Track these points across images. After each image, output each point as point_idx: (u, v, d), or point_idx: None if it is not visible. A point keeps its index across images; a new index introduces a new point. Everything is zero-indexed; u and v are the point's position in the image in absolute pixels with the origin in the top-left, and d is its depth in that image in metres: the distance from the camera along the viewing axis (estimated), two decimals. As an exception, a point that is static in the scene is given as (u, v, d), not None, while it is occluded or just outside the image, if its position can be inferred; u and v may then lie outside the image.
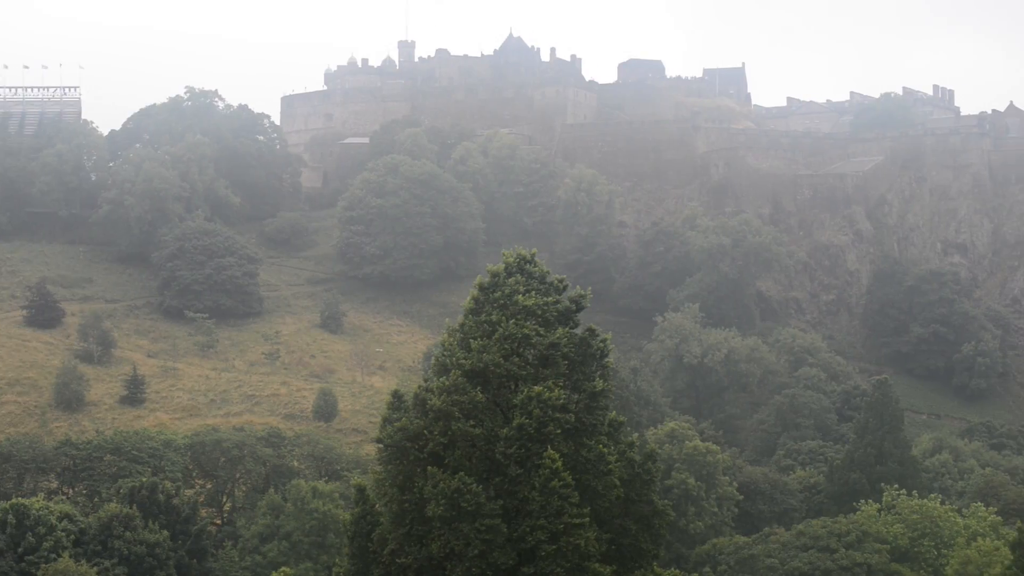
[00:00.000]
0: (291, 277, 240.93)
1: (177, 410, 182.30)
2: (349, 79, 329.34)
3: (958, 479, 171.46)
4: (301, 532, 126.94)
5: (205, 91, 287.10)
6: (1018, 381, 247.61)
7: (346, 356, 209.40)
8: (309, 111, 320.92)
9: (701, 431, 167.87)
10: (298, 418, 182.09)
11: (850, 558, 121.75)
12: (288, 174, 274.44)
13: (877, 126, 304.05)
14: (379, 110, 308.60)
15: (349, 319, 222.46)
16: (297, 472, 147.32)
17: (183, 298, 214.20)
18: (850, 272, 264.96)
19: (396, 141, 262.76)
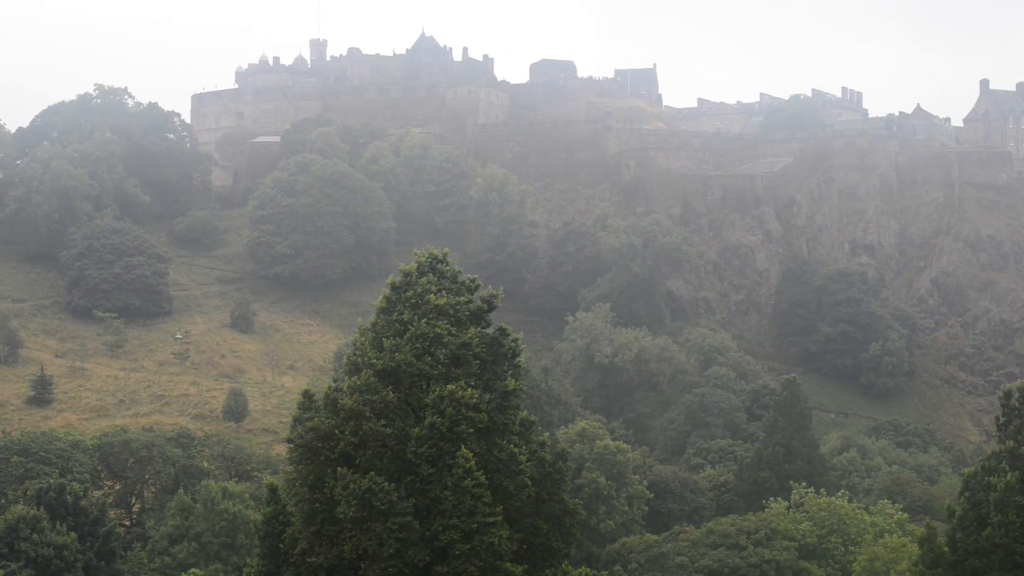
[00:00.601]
0: (201, 276, 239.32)
1: (85, 411, 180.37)
2: (260, 78, 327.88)
3: (865, 477, 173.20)
4: (211, 533, 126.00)
5: (115, 88, 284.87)
6: (924, 380, 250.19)
7: (256, 356, 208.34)
8: (220, 109, 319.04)
9: (612, 430, 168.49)
10: (208, 418, 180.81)
11: (759, 555, 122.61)
12: (198, 173, 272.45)
13: (786, 127, 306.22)
14: (290, 109, 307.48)
15: (259, 319, 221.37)
16: (207, 473, 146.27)
17: (91, 297, 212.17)
18: (759, 272, 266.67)
19: (307, 140, 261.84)
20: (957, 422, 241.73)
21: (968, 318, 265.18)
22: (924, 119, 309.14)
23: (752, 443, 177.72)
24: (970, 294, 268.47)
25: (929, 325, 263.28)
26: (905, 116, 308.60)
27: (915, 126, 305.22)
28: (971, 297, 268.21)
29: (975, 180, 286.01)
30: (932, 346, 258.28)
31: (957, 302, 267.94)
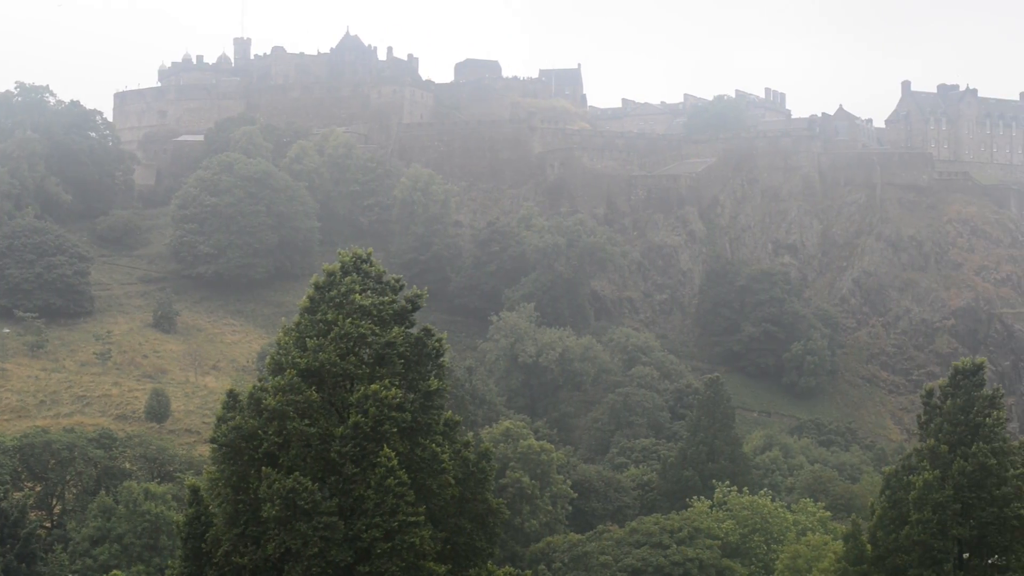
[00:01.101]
0: (123, 276, 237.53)
1: (5, 411, 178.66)
2: (184, 76, 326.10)
3: (788, 475, 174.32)
4: (133, 534, 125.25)
5: (36, 86, 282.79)
6: (846, 379, 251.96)
7: (179, 356, 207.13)
8: (143, 108, 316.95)
9: (536, 430, 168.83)
10: (130, 419, 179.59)
11: (682, 554, 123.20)
12: (121, 171, 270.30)
13: (710, 128, 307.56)
14: (214, 107, 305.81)
15: (182, 318, 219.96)
16: (129, 474, 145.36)
17: (12, 297, 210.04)
18: (683, 272, 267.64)
19: (231, 139, 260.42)
20: (878, 421, 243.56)
21: (889, 318, 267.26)
22: (847, 120, 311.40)
23: (676, 442, 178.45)
24: (891, 294, 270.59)
25: (851, 325, 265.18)
26: (828, 117, 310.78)
27: (838, 127, 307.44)
28: (892, 297, 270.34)
29: (897, 181, 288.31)
30: (854, 345, 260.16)
31: (879, 302, 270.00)
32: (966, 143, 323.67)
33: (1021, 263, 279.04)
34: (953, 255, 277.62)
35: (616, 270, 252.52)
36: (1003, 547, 71.50)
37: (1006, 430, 77.12)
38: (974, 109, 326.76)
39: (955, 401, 75.10)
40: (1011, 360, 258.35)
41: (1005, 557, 71.52)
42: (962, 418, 74.34)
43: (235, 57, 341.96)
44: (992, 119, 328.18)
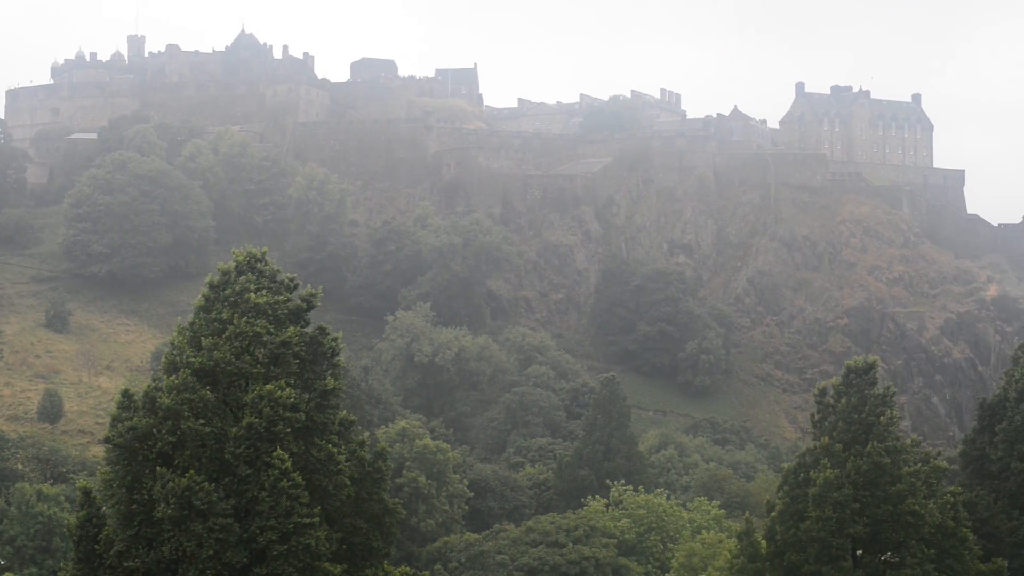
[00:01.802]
0: (15, 275, 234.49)
1: None
2: (77, 73, 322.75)
3: (683, 474, 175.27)
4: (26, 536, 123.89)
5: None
6: (740, 378, 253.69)
7: (72, 356, 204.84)
8: (35, 105, 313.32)
9: (432, 429, 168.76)
10: (22, 420, 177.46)
11: (578, 553, 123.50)
12: (13, 169, 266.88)
13: (606, 128, 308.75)
14: (108, 105, 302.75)
15: (75, 318, 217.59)
16: (21, 475, 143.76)
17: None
18: (579, 271, 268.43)
19: (125, 137, 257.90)
20: (773, 419, 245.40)
21: (783, 317, 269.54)
22: (741, 121, 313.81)
23: (571, 441, 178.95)
24: (785, 293, 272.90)
25: (745, 324, 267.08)
26: (723, 118, 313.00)
27: (732, 128, 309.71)
28: (786, 296, 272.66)
29: (791, 181, 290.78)
30: (748, 344, 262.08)
31: (773, 301, 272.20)
32: (859, 144, 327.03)
33: (913, 263, 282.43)
34: (846, 255, 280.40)
35: (512, 270, 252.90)
36: (897, 544, 72.34)
37: (899, 428, 77.98)
38: (867, 110, 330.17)
39: (848, 400, 75.80)
40: (903, 359, 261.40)
41: (898, 554, 72.34)
42: (855, 417, 75.05)
43: (129, 55, 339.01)
44: (885, 120, 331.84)
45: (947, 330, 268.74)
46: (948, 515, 73.46)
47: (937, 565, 71.67)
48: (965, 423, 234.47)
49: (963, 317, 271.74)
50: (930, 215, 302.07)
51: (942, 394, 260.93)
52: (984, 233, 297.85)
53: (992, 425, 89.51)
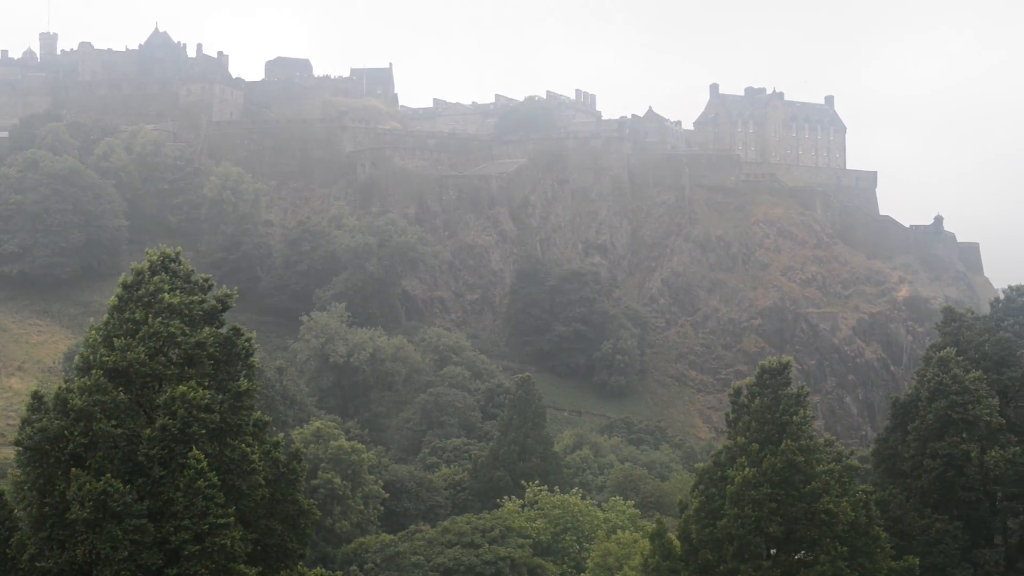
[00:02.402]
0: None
1: None
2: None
3: (598, 474, 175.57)
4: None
5: None
6: (655, 378, 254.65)
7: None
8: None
9: (347, 430, 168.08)
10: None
11: (494, 553, 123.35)
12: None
13: (521, 129, 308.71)
14: (19, 103, 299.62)
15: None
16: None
17: None
18: (494, 272, 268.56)
19: (36, 136, 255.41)
20: (687, 419, 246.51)
21: (698, 317, 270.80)
22: (656, 122, 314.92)
23: (487, 442, 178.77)
24: (700, 294, 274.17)
25: (660, 324, 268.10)
26: (638, 119, 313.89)
27: (647, 129, 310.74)
28: (701, 297, 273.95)
29: (705, 182, 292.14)
30: (663, 345, 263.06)
31: (687, 302, 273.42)
32: (773, 145, 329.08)
33: (826, 264, 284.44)
34: (760, 256, 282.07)
35: (427, 270, 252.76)
36: (811, 542, 72.81)
37: (812, 428, 78.49)
38: (781, 112, 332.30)
39: (762, 400, 76.24)
40: (816, 359, 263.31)
41: (812, 552, 72.82)
42: (769, 416, 75.48)
43: (41, 52, 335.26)
44: (798, 122, 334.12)
45: (859, 330, 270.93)
46: (861, 513, 74.08)
47: (849, 563, 72.20)
48: (877, 422, 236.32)
49: (875, 317, 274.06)
50: (843, 216, 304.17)
51: (855, 394, 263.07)
52: (896, 234, 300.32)
53: (904, 424, 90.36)
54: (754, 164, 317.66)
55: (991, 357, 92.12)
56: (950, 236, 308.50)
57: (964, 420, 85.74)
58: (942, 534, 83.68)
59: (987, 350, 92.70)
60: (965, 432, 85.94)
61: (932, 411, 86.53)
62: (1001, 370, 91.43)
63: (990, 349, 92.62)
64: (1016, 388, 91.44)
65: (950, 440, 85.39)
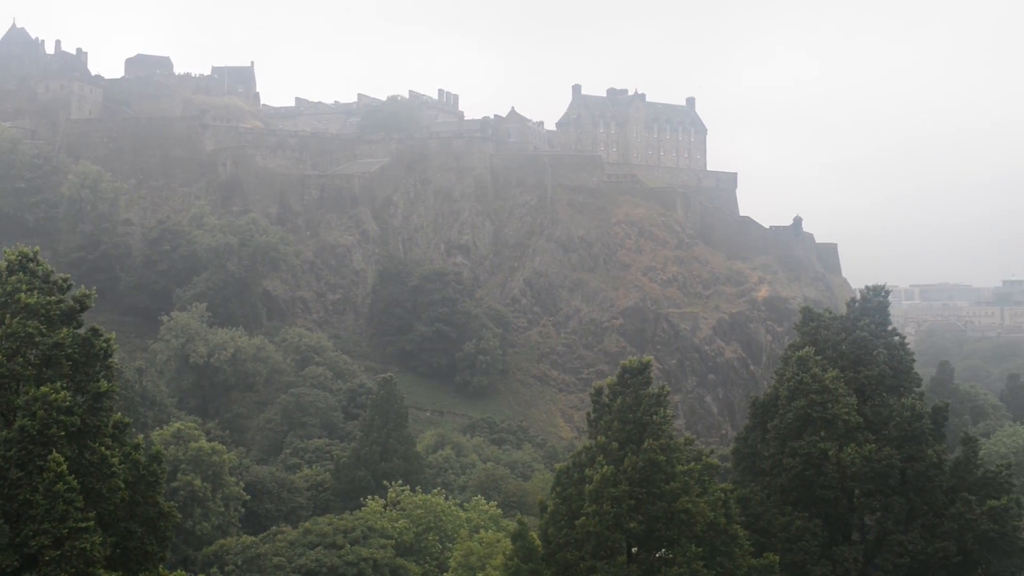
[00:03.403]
0: None
1: None
2: None
3: (460, 474, 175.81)
4: None
5: None
6: (517, 378, 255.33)
7: None
8: None
9: (208, 431, 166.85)
10: None
11: (356, 554, 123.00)
12: None
13: (384, 128, 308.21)
14: None
15: None
16: None
17: None
18: (356, 272, 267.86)
19: None
20: (549, 419, 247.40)
21: (560, 317, 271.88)
22: (518, 122, 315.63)
23: (349, 442, 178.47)
24: (562, 294, 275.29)
25: (522, 324, 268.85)
26: (500, 119, 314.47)
27: (510, 129, 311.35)
28: (563, 297, 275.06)
29: (567, 183, 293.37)
30: (525, 345, 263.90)
31: (549, 302, 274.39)
32: (634, 146, 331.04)
33: (687, 264, 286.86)
34: (621, 256, 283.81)
35: (289, 270, 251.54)
36: (670, 541, 73.31)
37: (672, 427, 79.03)
38: (642, 113, 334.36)
39: (623, 399, 76.55)
40: (677, 358, 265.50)
41: (672, 550, 73.34)
42: (630, 416, 75.81)
43: None
44: (659, 123, 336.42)
45: (720, 330, 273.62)
46: (720, 512, 74.71)
47: (708, 562, 72.79)
48: (737, 421, 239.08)
49: (735, 317, 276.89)
50: (703, 217, 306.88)
51: (715, 393, 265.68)
52: (755, 235, 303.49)
53: (764, 423, 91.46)
54: (616, 165, 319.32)
55: (848, 356, 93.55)
56: (809, 237, 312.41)
57: (822, 419, 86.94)
58: (802, 531, 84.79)
59: (844, 349, 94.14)
60: (823, 430, 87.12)
61: (791, 410, 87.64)
62: (858, 369, 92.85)
63: (847, 348, 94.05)
64: (872, 387, 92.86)
65: (809, 438, 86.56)
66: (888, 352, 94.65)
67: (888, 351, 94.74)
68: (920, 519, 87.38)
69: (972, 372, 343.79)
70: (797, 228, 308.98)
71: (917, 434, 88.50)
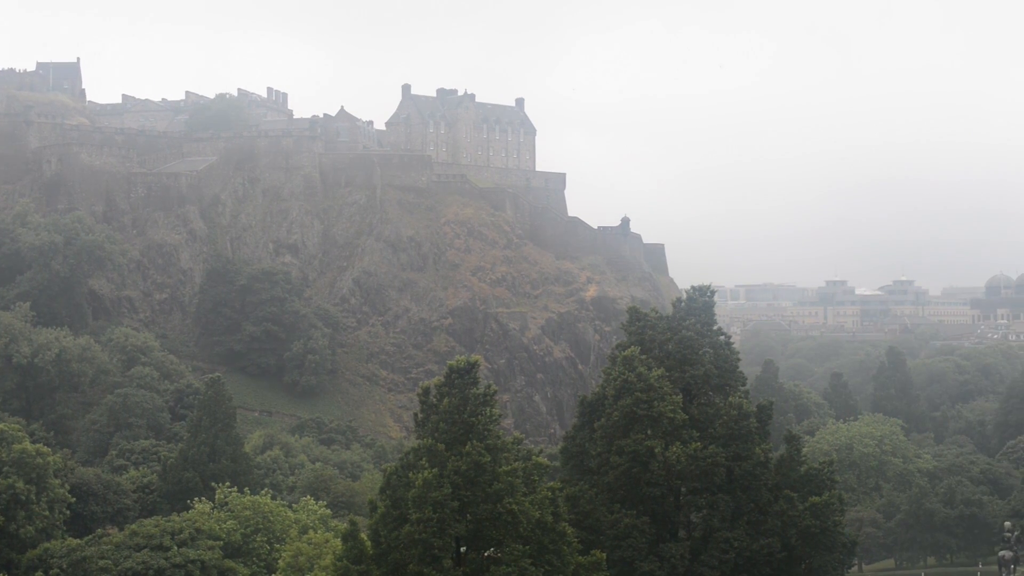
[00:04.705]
0: None
1: None
2: None
3: (289, 474, 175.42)
4: None
5: None
6: (347, 378, 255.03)
7: None
8: None
9: (31, 432, 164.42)
10: None
11: (183, 556, 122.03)
12: None
13: (212, 126, 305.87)
14: None
15: None
16: None
17: None
18: (184, 271, 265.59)
19: None
20: (378, 419, 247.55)
21: (389, 317, 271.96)
22: (348, 121, 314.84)
23: (176, 443, 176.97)
24: (391, 294, 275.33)
25: (351, 324, 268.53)
26: (330, 118, 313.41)
27: (339, 128, 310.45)
28: (392, 296, 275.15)
29: (396, 182, 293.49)
30: (354, 344, 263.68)
31: (378, 301, 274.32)
32: (464, 146, 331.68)
33: (515, 264, 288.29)
34: (451, 256, 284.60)
35: (115, 269, 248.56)
36: (497, 540, 73.68)
37: (500, 427, 79.44)
38: (472, 113, 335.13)
39: (451, 400, 76.75)
40: (506, 358, 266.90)
41: (499, 550, 73.73)
42: (457, 416, 76.03)
43: None
44: (489, 124, 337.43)
45: (548, 329, 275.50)
46: (548, 511, 75.18)
47: (536, 560, 73.24)
48: (566, 420, 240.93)
49: (564, 317, 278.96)
50: (532, 217, 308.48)
51: (544, 392, 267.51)
52: (584, 235, 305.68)
53: (591, 422, 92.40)
54: (446, 165, 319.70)
55: (674, 355, 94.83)
56: (636, 237, 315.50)
57: (648, 417, 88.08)
58: (629, 528, 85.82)
59: (671, 349, 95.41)
60: (650, 428, 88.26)
61: (618, 408, 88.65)
62: (684, 368, 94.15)
63: (674, 348, 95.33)
64: (698, 386, 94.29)
65: (635, 437, 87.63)
66: (714, 351, 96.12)
67: (714, 350, 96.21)
68: (745, 516, 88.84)
69: (796, 371, 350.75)
70: (625, 229, 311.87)
71: (742, 432, 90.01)
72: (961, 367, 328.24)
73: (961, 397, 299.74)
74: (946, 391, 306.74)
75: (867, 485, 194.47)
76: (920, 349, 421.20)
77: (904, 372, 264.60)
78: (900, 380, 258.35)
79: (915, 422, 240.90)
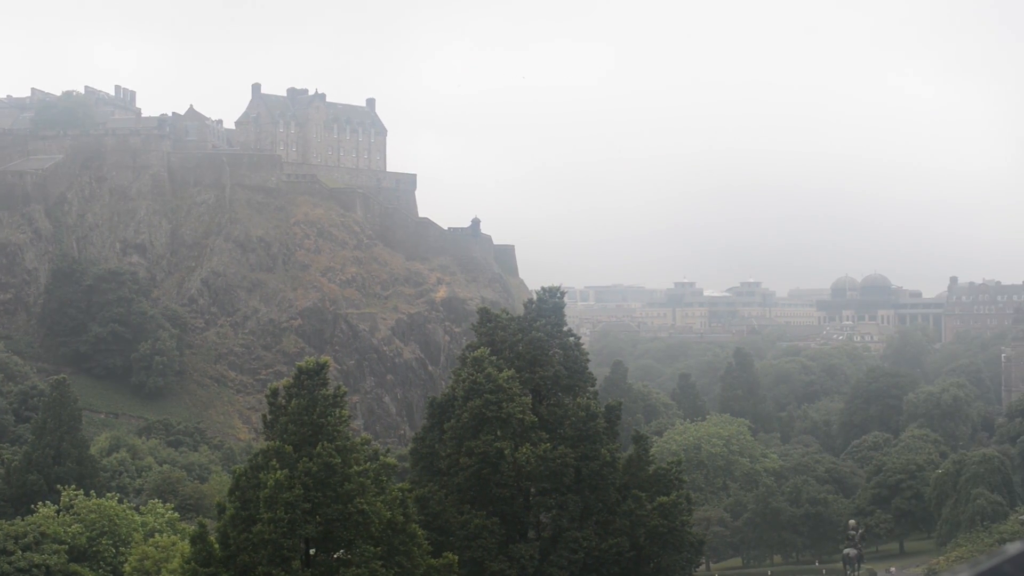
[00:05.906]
0: None
1: None
2: None
3: (136, 477, 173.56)
4: None
5: None
6: (195, 379, 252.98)
7: None
8: None
9: None
10: None
11: (28, 560, 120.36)
12: None
13: (58, 124, 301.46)
14: None
15: None
16: None
17: None
18: (28, 271, 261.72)
19: None
20: (227, 420, 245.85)
21: (238, 318, 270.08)
22: (197, 120, 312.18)
23: (20, 446, 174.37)
24: (240, 294, 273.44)
25: (200, 325, 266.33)
26: (178, 117, 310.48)
27: (188, 127, 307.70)
28: (241, 297, 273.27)
29: (246, 182, 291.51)
30: (203, 345, 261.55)
31: (227, 302, 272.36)
32: (314, 146, 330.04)
33: (366, 265, 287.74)
34: (300, 256, 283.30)
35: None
36: (347, 541, 73.56)
37: (350, 428, 79.35)
38: (322, 113, 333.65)
39: (299, 401, 76.45)
40: (356, 359, 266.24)
41: (349, 551, 73.61)
42: (306, 418, 75.75)
43: None
44: (340, 124, 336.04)
45: (398, 330, 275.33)
46: (398, 511, 75.21)
47: (386, 562, 73.24)
48: (416, 421, 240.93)
49: (414, 318, 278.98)
50: (383, 218, 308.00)
51: (393, 393, 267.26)
52: (434, 236, 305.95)
53: (441, 423, 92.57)
54: (296, 165, 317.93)
55: (524, 356, 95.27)
56: (487, 238, 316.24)
57: (498, 418, 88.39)
58: (479, 529, 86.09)
59: (520, 350, 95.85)
60: (499, 429, 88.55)
61: (467, 410, 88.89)
62: (534, 369, 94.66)
63: (523, 349, 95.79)
64: (548, 386, 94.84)
65: (485, 438, 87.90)
66: (563, 352, 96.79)
67: (563, 351, 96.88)
68: (594, 516, 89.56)
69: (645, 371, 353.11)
70: (475, 229, 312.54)
71: (591, 433, 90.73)
72: (807, 368, 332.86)
73: (807, 397, 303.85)
74: (792, 391, 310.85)
75: (715, 485, 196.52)
76: (767, 350, 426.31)
77: (751, 373, 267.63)
78: (747, 381, 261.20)
79: (762, 422, 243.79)
